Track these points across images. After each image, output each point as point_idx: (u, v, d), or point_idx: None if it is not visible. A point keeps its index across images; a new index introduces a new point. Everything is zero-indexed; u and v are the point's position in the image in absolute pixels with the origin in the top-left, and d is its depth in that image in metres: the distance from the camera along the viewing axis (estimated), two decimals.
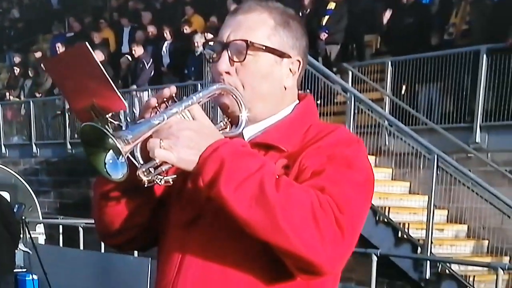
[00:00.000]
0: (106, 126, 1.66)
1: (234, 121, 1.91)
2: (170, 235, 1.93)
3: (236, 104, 1.88)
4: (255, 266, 1.79)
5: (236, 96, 1.88)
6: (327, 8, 12.71)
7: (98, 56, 15.31)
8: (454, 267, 8.67)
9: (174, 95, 1.77)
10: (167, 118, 1.70)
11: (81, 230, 11.49)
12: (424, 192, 9.45)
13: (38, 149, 17.03)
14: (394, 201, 9.65)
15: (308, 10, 13.37)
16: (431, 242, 8.76)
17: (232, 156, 1.67)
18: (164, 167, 1.72)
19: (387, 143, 10.11)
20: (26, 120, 17.54)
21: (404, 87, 10.85)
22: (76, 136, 16.17)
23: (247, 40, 1.86)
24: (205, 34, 14.43)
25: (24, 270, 9.86)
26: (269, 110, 1.94)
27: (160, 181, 1.73)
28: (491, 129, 9.63)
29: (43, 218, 13.63)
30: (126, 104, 1.82)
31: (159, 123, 1.68)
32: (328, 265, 1.68)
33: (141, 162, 1.74)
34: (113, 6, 20.61)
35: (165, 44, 15.37)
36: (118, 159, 1.66)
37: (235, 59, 1.88)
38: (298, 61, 1.95)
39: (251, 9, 1.91)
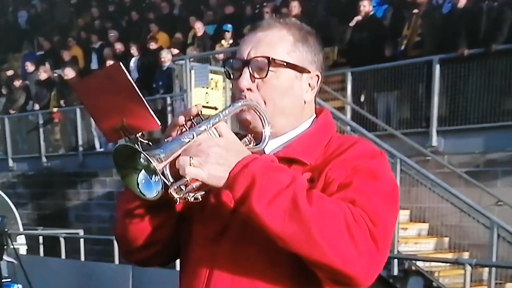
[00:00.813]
0: (137, 145, 1.61)
1: (255, 137, 1.82)
2: (195, 250, 1.85)
3: (258, 120, 1.80)
4: (284, 278, 1.72)
5: (260, 112, 1.80)
6: None
7: (70, 73, 15.28)
8: (419, 263, 8.70)
9: (200, 112, 1.70)
10: (196, 136, 1.62)
11: (62, 240, 11.28)
12: None
13: (14, 163, 16.65)
14: None
15: None
16: (397, 241, 8.77)
17: (263, 171, 1.59)
18: (194, 184, 1.62)
19: None
20: (2, 135, 17.09)
21: (363, 96, 10.88)
22: (50, 149, 15.93)
23: (269, 57, 1.78)
24: (171, 49, 14.35)
25: (9, 280, 9.59)
26: (290, 125, 1.86)
27: (191, 198, 1.64)
28: (446, 133, 9.73)
29: (23, 229, 13.29)
30: (159, 123, 1.70)
31: (189, 141, 1.61)
32: (364, 277, 1.62)
33: (171, 179, 1.64)
34: (80, 25, 20.34)
35: (133, 59, 15.16)
36: (151, 178, 1.59)
37: (256, 75, 1.80)
38: (317, 75, 1.88)
39: (270, 26, 1.84)
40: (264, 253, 1.71)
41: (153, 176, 1.58)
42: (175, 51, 14.40)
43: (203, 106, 11.45)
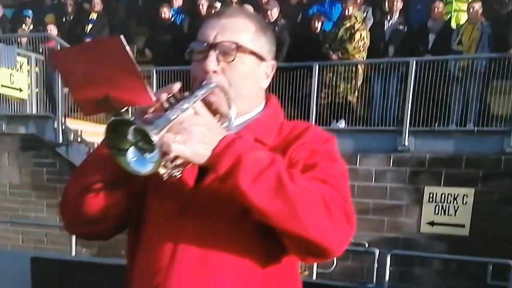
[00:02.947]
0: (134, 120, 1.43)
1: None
2: (155, 226, 1.70)
3: (222, 102, 1.69)
4: (250, 249, 1.65)
5: (228, 95, 1.69)
6: (90, 18, 12.34)
7: None
8: None
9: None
10: (181, 114, 1.48)
11: None
12: None
13: None
14: None
15: (71, 16, 12.83)
16: None
17: (248, 150, 1.51)
18: (178, 161, 1.51)
19: None
20: None
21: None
22: None
23: (237, 43, 1.69)
24: None
25: None
26: (247, 108, 1.77)
27: (173, 175, 1.53)
28: None
29: None
30: (154, 99, 1.52)
31: (174, 118, 1.46)
32: (338, 250, 1.58)
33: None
34: None
35: None
36: (142, 154, 1.44)
37: (222, 59, 1.69)
38: (272, 65, 1.81)
39: (234, 14, 1.74)
40: (229, 227, 1.63)
41: (145, 152, 1.43)
42: None
43: (6, 86, 10.80)
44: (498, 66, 8.88)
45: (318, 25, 10.46)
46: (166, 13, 11.57)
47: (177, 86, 1.55)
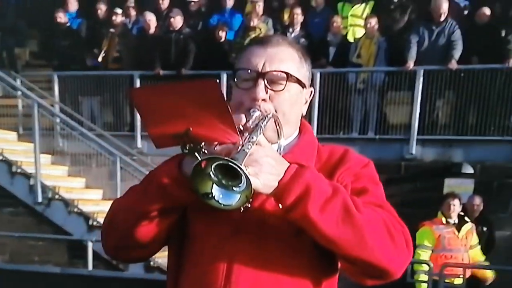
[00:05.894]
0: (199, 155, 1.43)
1: None
2: (205, 245, 1.64)
3: (270, 130, 1.64)
4: (303, 268, 1.62)
5: (279, 124, 1.66)
6: None
7: None
8: None
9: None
10: (253, 146, 1.44)
11: None
12: (98, 186, 9.08)
13: None
14: (77, 194, 8.99)
15: None
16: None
17: (315, 180, 1.48)
18: None
19: (61, 144, 9.44)
20: None
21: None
22: None
23: (288, 72, 1.66)
24: None
25: None
26: (289, 134, 1.73)
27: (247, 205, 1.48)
28: (148, 138, 9.64)
29: None
30: (240, 140, 1.47)
31: (248, 151, 1.42)
32: (399, 272, 1.57)
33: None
34: None
35: None
36: (226, 189, 1.42)
37: (270, 87, 1.65)
38: (311, 91, 1.80)
39: (279, 43, 1.70)
40: (284, 248, 1.60)
41: (225, 186, 1.42)
42: None
43: None
44: (393, 79, 9.16)
45: (222, 34, 10.21)
46: (61, 17, 10.71)
47: (243, 118, 1.53)
